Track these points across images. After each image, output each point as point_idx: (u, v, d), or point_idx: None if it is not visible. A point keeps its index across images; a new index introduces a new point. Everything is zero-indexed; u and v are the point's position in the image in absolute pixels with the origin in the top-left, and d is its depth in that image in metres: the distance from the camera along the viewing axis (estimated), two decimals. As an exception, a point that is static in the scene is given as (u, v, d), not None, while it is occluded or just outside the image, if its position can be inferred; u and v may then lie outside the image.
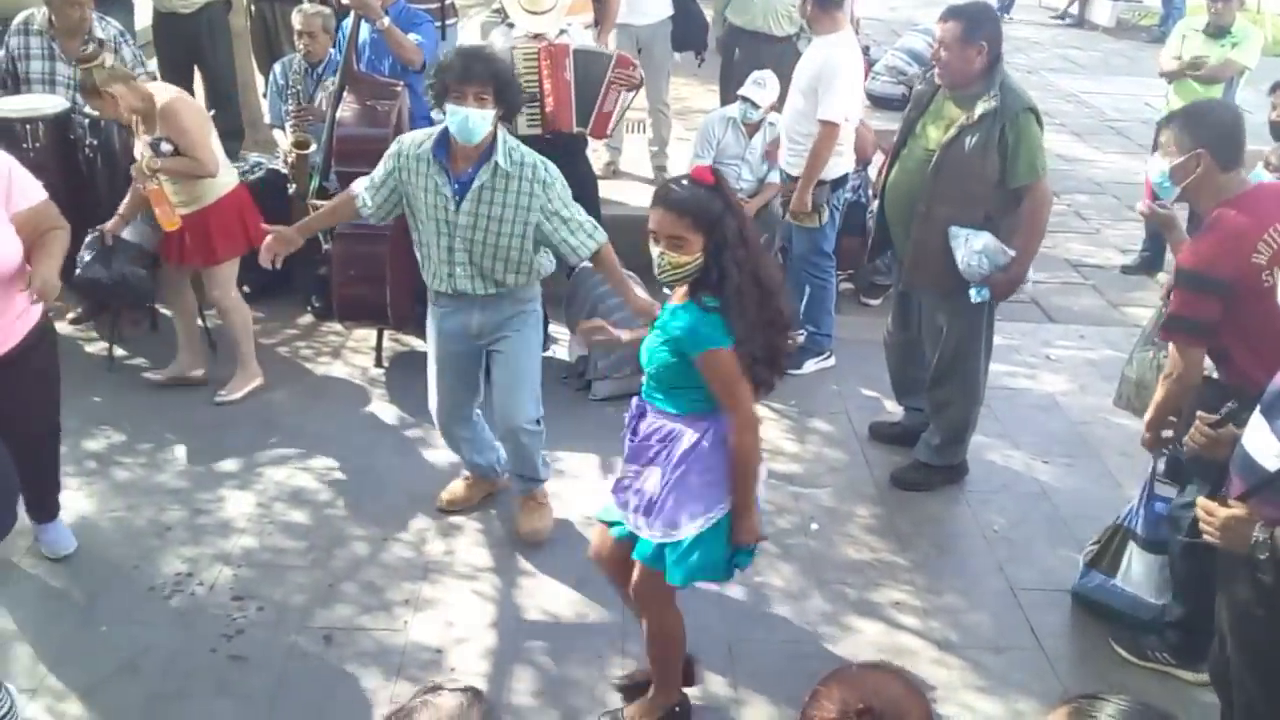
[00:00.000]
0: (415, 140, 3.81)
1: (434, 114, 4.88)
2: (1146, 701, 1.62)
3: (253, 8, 7.33)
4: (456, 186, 3.73)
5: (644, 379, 3.12)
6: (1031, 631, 3.89)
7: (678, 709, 3.38)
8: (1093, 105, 10.99)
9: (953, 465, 4.70)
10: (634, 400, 3.21)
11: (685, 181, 2.91)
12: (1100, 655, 3.79)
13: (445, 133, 3.71)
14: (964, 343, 4.48)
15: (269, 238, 3.97)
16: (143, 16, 7.39)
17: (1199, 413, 3.01)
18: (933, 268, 4.36)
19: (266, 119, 6.38)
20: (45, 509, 4.00)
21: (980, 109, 4.15)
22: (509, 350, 3.99)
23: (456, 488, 4.41)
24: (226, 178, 4.93)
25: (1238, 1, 6.79)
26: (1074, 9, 14.94)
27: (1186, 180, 3.26)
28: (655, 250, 2.88)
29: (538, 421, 4.12)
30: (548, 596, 3.95)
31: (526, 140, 5.50)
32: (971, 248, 4.21)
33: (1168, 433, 3.46)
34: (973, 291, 4.30)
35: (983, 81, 4.19)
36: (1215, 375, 3.74)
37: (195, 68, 6.95)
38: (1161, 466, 3.72)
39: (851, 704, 1.58)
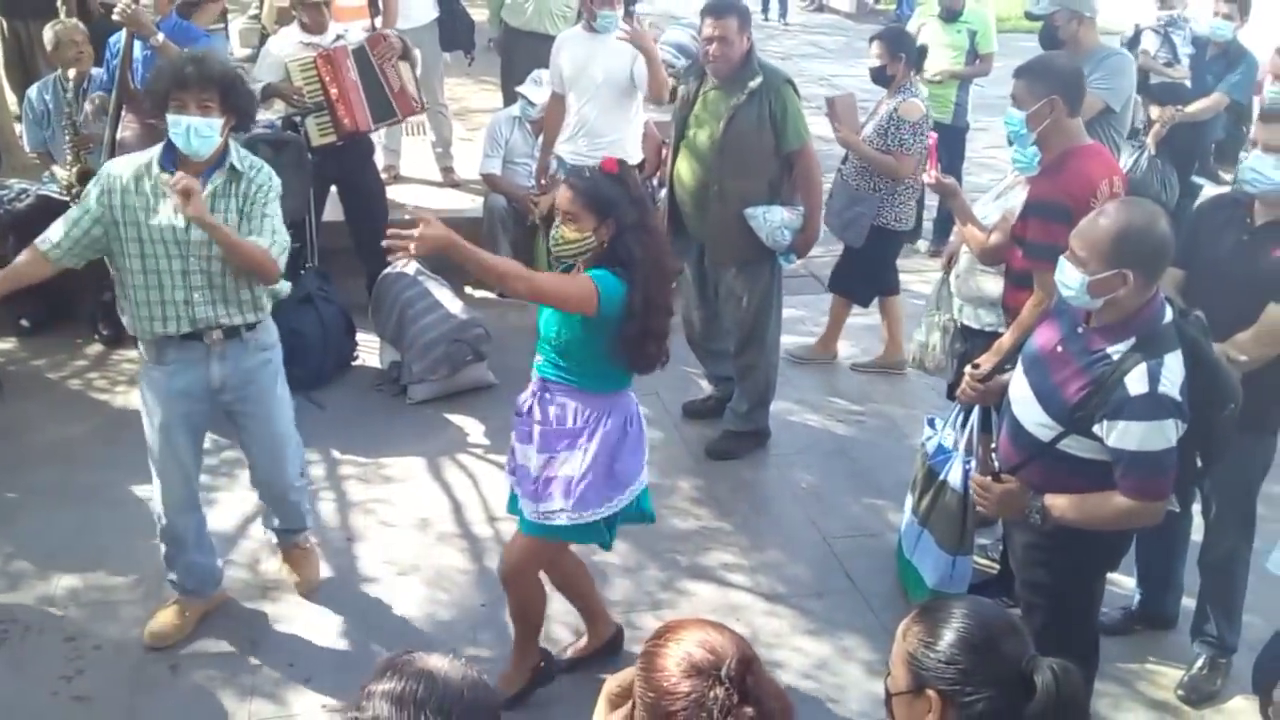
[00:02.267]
0: (127, 163, 3.45)
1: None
2: (984, 600, 1.91)
3: (4, 26, 6.93)
4: None
5: (542, 358, 3.30)
6: (846, 575, 4.26)
7: (542, 664, 3.60)
8: (842, 88, 11.62)
9: (759, 430, 5.06)
10: (534, 378, 3.37)
11: (589, 170, 3.23)
12: (908, 589, 4.19)
13: (171, 146, 3.40)
14: (762, 309, 4.88)
15: None
16: None
17: (967, 367, 3.40)
18: (733, 242, 4.75)
19: (27, 147, 6.08)
20: None
21: (749, 86, 4.57)
22: (261, 412, 3.68)
23: (166, 618, 3.77)
24: None
25: (962, -15, 7.41)
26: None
27: (1041, 125, 3.54)
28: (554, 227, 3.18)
29: (306, 481, 4.05)
30: (394, 599, 4.02)
31: (320, 149, 5.56)
32: (771, 223, 4.64)
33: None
34: (781, 259, 4.76)
35: (745, 66, 4.62)
36: (976, 326, 4.21)
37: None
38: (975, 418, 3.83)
39: (688, 656, 1.70)
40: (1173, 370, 2.72)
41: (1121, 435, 2.73)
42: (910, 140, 5.32)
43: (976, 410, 3.75)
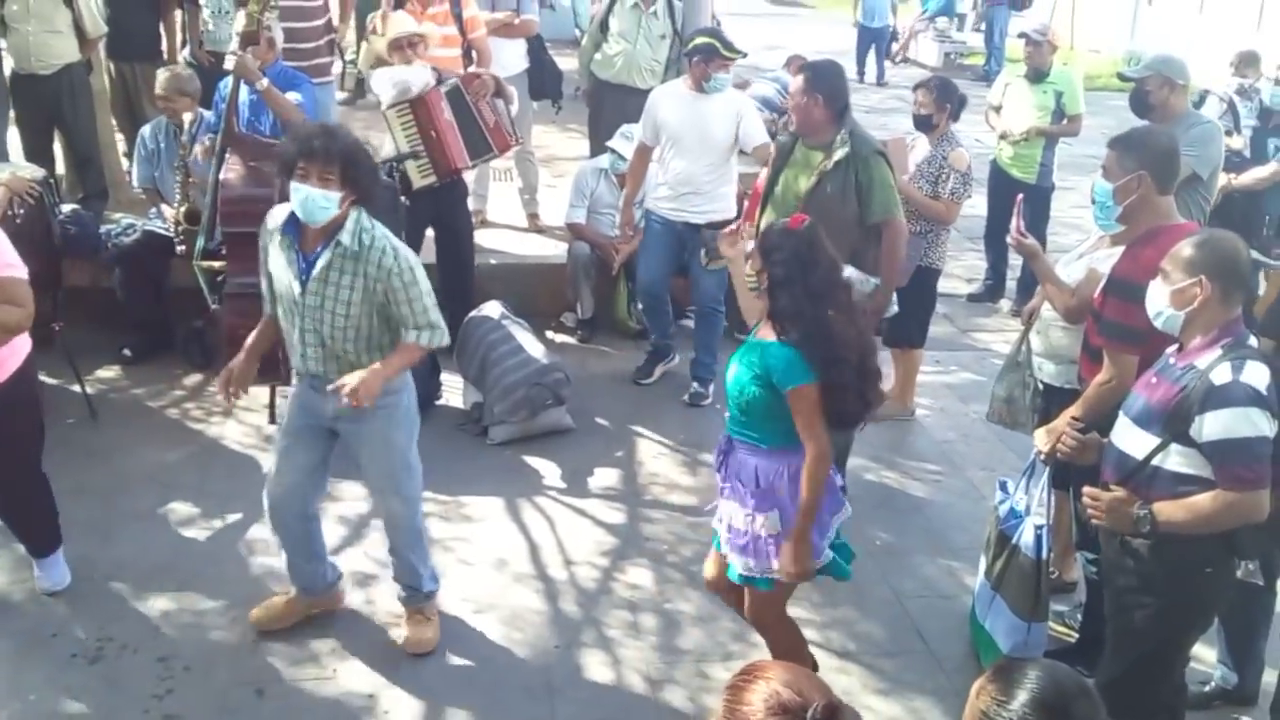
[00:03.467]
0: (276, 214, 3.66)
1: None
2: (1059, 664, 1.94)
3: (112, 67, 7.27)
4: (304, 265, 3.57)
5: (727, 415, 3.47)
6: (919, 636, 4.26)
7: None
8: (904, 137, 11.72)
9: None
10: (722, 438, 3.53)
11: (779, 221, 3.45)
12: (981, 652, 4.16)
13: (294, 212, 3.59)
14: None
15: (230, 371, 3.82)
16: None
17: (1069, 419, 3.43)
18: None
19: (134, 183, 6.36)
20: (38, 543, 4.16)
21: (836, 156, 4.58)
22: (368, 450, 3.82)
23: (274, 604, 4.07)
24: None
25: (1049, 46, 7.41)
26: (907, 52, 15.96)
27: (1128, 199, 3.58)
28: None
29: (418, 531, 4.01)
30: (472, 638, 4.10)
31: (420, 192, 5.73)
32: (859, 283, 4.63)
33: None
34: None
35: (831, 130, 4.63)
36: (1055, 383, 4.21)
37: (55, 129, 6.84)
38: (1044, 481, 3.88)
39: (776, 695, 1.76)
40: (1256, 369, 2.89)
41: (1210, 425, 2.87)
42: (960, 189, 5.52)
43: (1048, 473, 3.76)
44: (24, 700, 3.66)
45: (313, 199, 3.43)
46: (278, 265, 3.63)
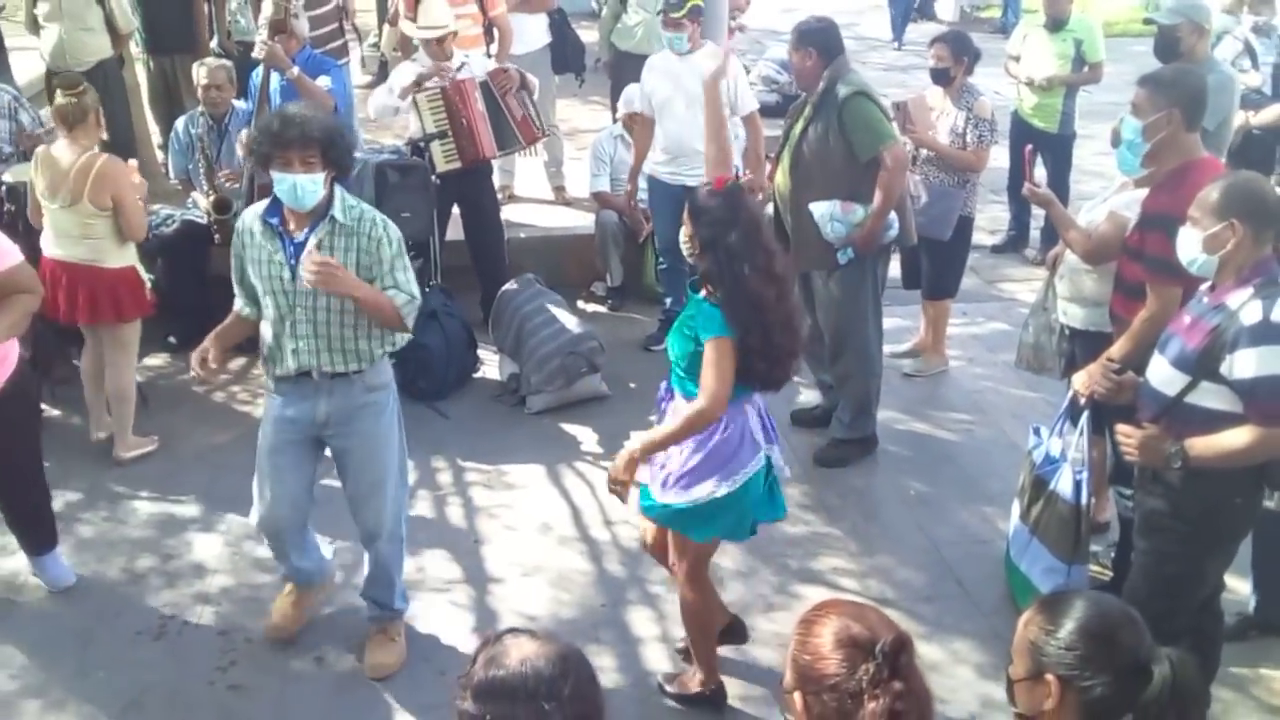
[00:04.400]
0: (250, 212, 3.63)
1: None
2: (1104, 594, 2.02)
3: (151, 62, 7.40)
4: (292, 249, 3.51)
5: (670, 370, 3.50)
6: (957, 581, 4.35)
7: (710, 693, 3.71)
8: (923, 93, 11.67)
9: (865, 438, 5.17)
10: (663, 384, 3.57)
11: (705, 184, 3.44)
12: (1018, 594, 4.24)
13: (275, 200, 3.54)
14: (854, 316, 5.00)
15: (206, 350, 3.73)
16: (22, 72, 7.41)
17: (1102, 360, 3.49)
18: (811, 249, 4.90)
19: (170, 175, 6.49)
20: (42, 539, 4.24)
21: (814, 98, 4.80)
22: (358, 452, 3.72)
23: (284, 608, 4.03)
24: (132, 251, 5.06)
25: (1066, -5, 7.40)
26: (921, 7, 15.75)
27: (1157, 136, 3.61)
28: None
29: (399, 539, 3.93)
30: (520, 599, 4.24)
31: (446, 174, 5.83)
32: (820, 214, 4.79)
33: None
34: (839, 254, 4.86)
35: (819, 81, 4.81)
36: (1079, 326, 4.26)
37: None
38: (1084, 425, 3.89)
39: (847, 628, 1.85)
40: None
41: (1241, 364, 2.93)
42: (987, 134, 5.58)
43: (1087, 415, 3.81)
44: (93, 677, 3.83)
45: (300, 185, 3.41)
46: (260, 259, 3.56)
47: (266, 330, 3.66)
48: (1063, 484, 3.89)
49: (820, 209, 4.81)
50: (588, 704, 1.70)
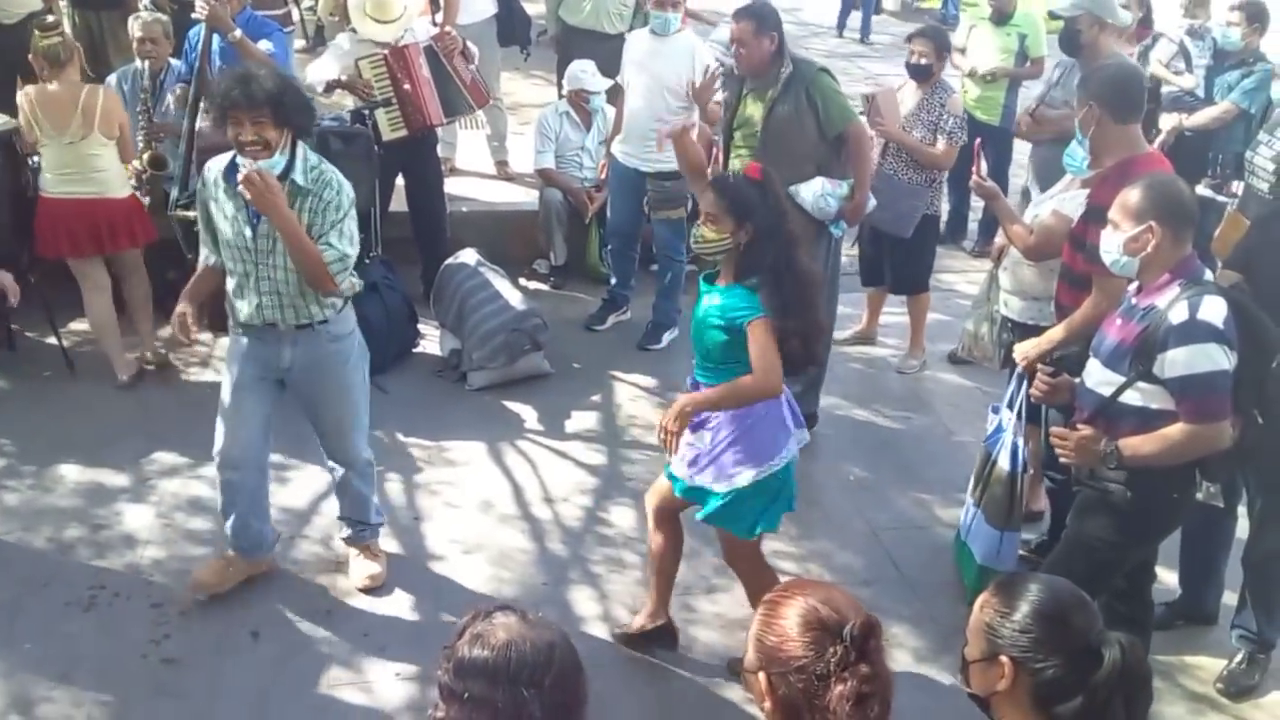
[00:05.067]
0: (214, 165, 3.65)
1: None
2: (1058, 578, 2.06)
3: (77, 18, 7.15)
4: (254, 209, 3.51)
5: (694, 362, 3.51)
6: (894, 565, 4.41)
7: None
8: (887, 85, 11.78)
9: (810, 414, 5.19)
10: (688, 381, 3.58)
11: (734, 174, 3.41)
12: (955, 581, 4.31)
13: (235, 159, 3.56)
14: None
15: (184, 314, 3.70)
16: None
17: (1038, 365, 3.55)
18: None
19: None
20: None
21: (781, 77, 4.79)
22: (323, 395, 3.86)
23: (212, 569, 4.01)
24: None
25: (1011, -12, 7.51)
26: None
27: (1088, 131, 3.66)
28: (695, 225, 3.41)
29: (369, 463, 4.08)
30: (461, 576, 4.20)
31: (389, 145, 5.74)
32: (814, 193, 4.80)
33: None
34: (833, 229, 4.92)
35: (774, 63, 4.82)
36: (1019, 319, 4.33)
37: (18, 80, 6.73)
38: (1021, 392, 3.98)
39: (814, 610, 1.86)
40: (1212, 305, 3.00)
41: (1171, 363, 3.00)
42: (958, 133, 5.57)
43: (1024, 397, 3.89)
44: (19, 650, 3.72)
45: (259, 167, 3.41)
46: (222, 214, 3.60)
47: (230, 280, 3.71)
48: (1002, 454, 4.00)
49: (810, 188, 4.81)
50: (569, 694, 1.69)
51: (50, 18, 5.77)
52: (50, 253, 5.13)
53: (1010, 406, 4.08)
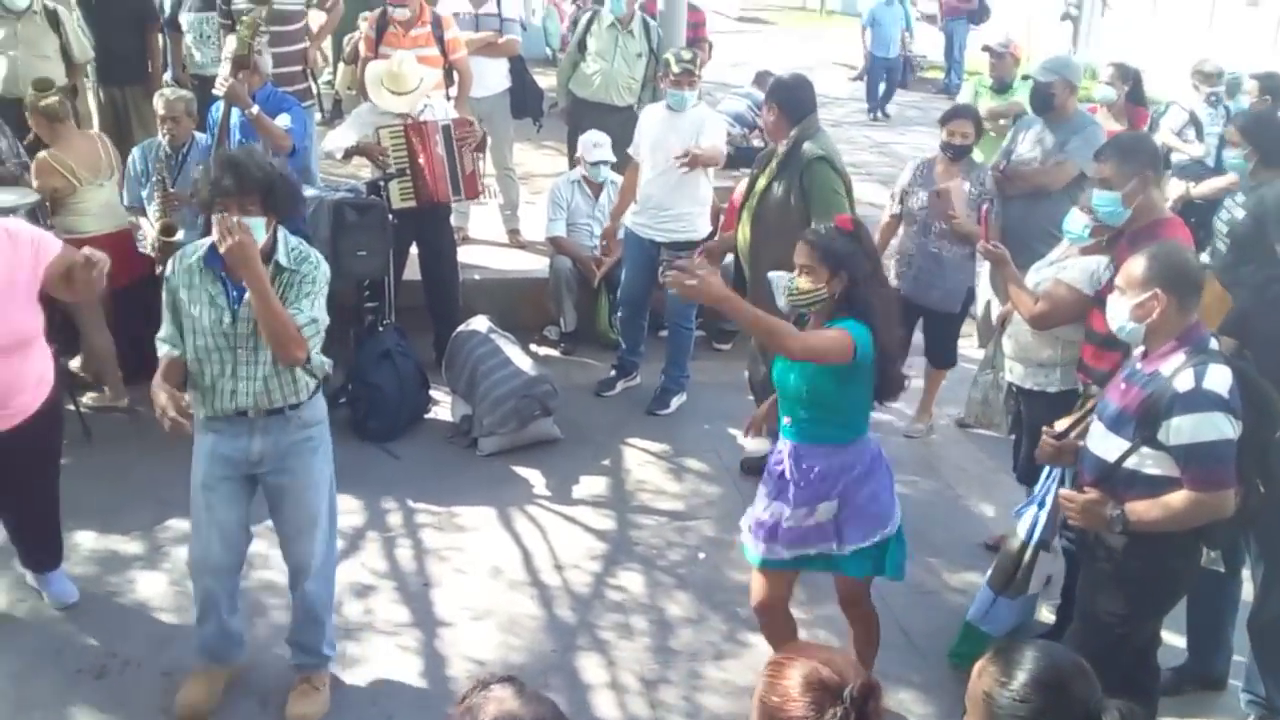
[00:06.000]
0: (184, 254, 3.58)
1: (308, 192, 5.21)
2: (1057, 645, 2.08)
3: (102, 93, 7.36)
4: (235, 294, 3.49)
5: (790, 419, 3.59)
6: (902, 631, 4.41)
7: None
8: (894, 153, 11.96)
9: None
10: (781, 446, 3.67)
11: (826, 228, 3.55)
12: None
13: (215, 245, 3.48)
14: None
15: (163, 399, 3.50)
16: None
17: (1043, 426, 3.59)
18: (765, 302, 4.91)
19: (124, 202, 6.43)
20: (50, 557, 4.32)
21: (779, 156, 4.89)
22: (293, 487, 3.70)
23: (196, 689, 3.81)
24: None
25: (1011, 59, 7.69)
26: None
27: (1135, 201, 3.81)
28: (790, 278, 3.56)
29: (330, 576, 3.90)
30: (469, 643, 4.22)
31: (404, 214, 5.87)
32: (778, 286, 4.79)
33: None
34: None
35: (786, 134, 4.92)
36: (1026, 385, 4.37)
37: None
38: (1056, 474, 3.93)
39: (816, 671, 1.90)
40: (1218, 373, 3.03)
41: (1176, 431, 3.02)
42: (1001, 208, 5.48)
43: (1057, 471, 3.91)
44: (29, 716, 3.74)
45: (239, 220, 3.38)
46: (197, 302, 3.51)
47: (199, 371, 3.58)
48: (1022, 523, 4.02)
49: (783, 282, 4.84)
50: None
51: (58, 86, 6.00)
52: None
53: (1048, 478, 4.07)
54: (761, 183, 4.97)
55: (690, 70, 5.66)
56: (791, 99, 4.94)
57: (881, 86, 13.79)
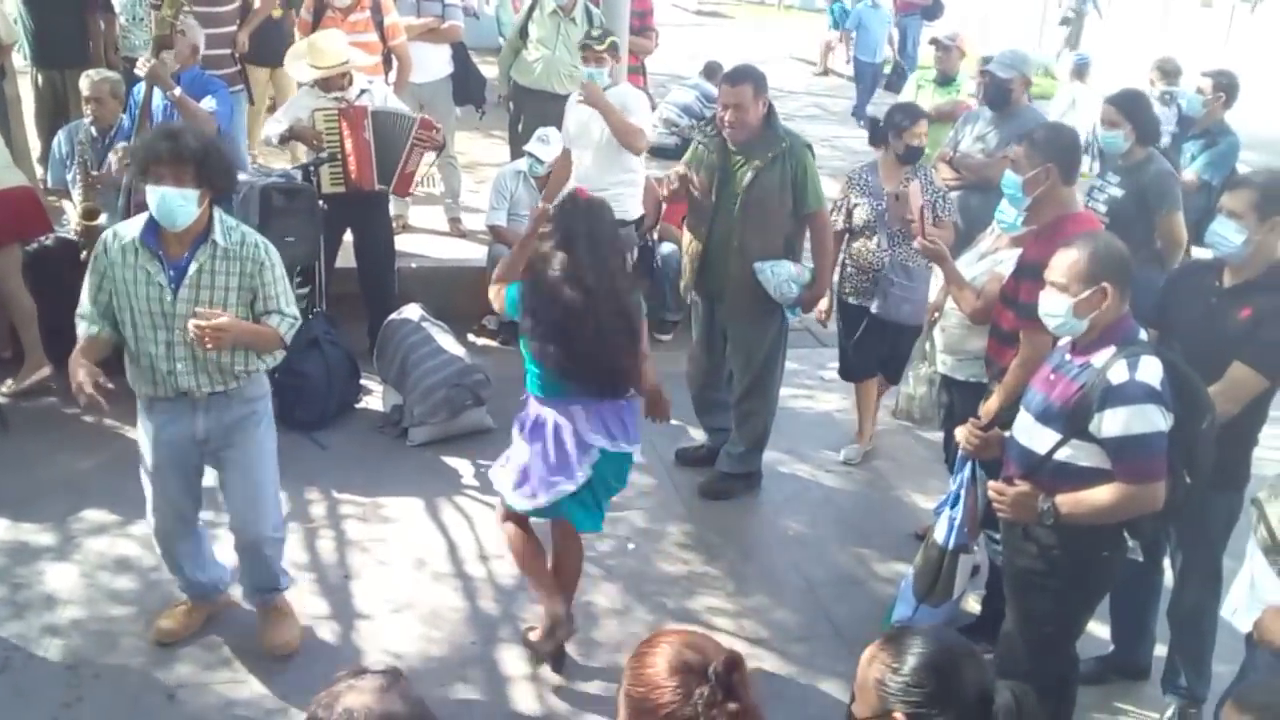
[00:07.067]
0: (119, 232, 3.54)
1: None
2: (946, 628, 2.03)
3: (40, 76, 7.18)
4: (172, 274, 3.48)
5: None
6: (829, 621, 4.37)
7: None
8: (843, 147, 11.92)
9: (752, 473, 5.20)
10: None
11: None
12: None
13: (153, 221, 3.48)
14: (769, 359, 5.07)
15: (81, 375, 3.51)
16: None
17: (970, 419, 3.55)
18: (749, 295, 4.91)
19: (48, 185, 6.28)
20: None
21: (774, 151, 4.76)
22: (242, 459, 3.77)
23: (175, 615, 4.02)
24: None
25: (958, 52, 7.66)
26: (828, 64, 16.07)
27: (1036, 190, 3.71)
28: None
29: (281, 538, 4.00)
30: (388, 636, 4.13)
31: (331, 197, 5.75)
32: (779, 276, 4.81)
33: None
34: (789, 312, 4.95)
35: (766, 130, 4.80)
36: (959, 377, 4.34)
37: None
38: (966, 473, 3.85)
39: (679, 655, 1.87)
40: (1150, 366, 3.00)
41: (1109, 423, 2.99)
42: (951, 208, 5.31)
43: (969, 465, 3.86)
44: (-73, 711, 3.63)
45: (169, 199, 3.37)
46: (132, 281, 3.49)
47: (138, 352, 3.57)
48: (939, 527, 3.96)
49: (779, 270, 4.82)
50: None
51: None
52: None
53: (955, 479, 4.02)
54: (746, 174, 4.79)
55: (592, 47, 5.73)
56: (763, 86, 4.82)
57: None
